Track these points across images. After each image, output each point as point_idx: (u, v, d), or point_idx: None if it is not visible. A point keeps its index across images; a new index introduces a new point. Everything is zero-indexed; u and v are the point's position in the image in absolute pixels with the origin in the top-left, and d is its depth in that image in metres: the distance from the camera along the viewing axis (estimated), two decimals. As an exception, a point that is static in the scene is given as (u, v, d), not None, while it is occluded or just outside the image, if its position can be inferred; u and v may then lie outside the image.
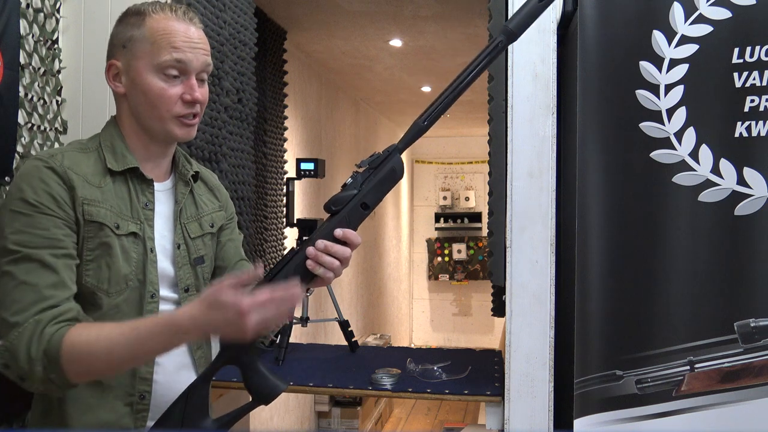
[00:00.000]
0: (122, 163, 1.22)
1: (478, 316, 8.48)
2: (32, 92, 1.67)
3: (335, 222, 1.16)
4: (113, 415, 1.19)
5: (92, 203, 1.17)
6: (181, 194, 1.31)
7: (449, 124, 7.49)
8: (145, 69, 1.19)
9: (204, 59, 1.23)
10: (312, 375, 2.12)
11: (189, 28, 1.22)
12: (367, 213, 1.17)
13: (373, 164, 1.18)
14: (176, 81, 1.21)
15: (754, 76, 1.55)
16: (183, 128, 1.23)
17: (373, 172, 1.18)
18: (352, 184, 1.17)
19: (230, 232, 1.43)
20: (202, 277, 1.32)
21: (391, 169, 1.19)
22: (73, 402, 1.17)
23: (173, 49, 1.19)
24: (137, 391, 1.20)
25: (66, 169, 1.16)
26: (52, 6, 1.74)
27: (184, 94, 1.21)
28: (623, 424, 1.62)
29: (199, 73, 1.23)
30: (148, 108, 1.21)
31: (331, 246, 1.14)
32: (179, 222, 1.29)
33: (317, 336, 4.48)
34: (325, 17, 3.52)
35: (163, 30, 1.19)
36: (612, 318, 1.63)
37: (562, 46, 1.82)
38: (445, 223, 8.46)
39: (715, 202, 1.58)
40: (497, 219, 1.83)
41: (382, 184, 1.18)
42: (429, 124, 1.20)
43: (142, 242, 1.21)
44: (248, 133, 2.39)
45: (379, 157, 1.19)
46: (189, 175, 1.33)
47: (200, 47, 1.23)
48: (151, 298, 1.22)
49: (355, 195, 1.17)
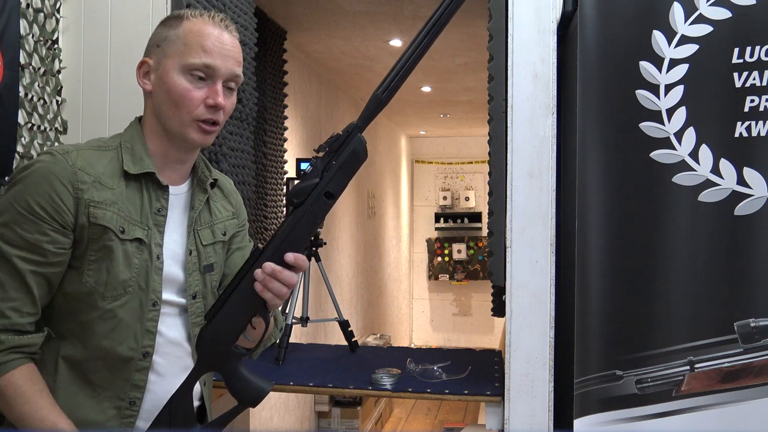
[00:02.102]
0: (139, 166, 1.22)
1: (478, 316, 8.48)
2: (32, 92, 1.67)
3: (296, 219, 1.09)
4: (102, 416, 1.19)
5: (99, 206, 1.16)
6: (198, 201, 1.30)
7: (449, 124, 7.49)
8: (174, 68, 1.20)
9: (233, 69, 1.22)
10: (312, 375, 2.12)
11: (223, 33, 1.22)
12: (332, 203, 1.10)
13: (332, 148, 1.09)
14: (202, 84, 1.20)
15: (754, 76, 1.55)
16: (201, 134, 1.22)
17: (334, 156, 1.09)
18: (312, 171, 1.09)
19: (240, 240, 1.41)
20: (210, 284, 1.31)
21: (353, 152, 1.09)
22: (65, 399, 1.17)
23: (204, 53, 1.19)
24: (128, 396, 1.20)
25: (77, 170, 1.16)
26: (52, 6, 1.74)
27: (208, 98, 1.20)
28: (623, 424, 1.62)
29: (226, 81, 1.22)
30: (170, 107, 1.20)
31: (280, 272, 1.10)
32: (193, 228, 1.29)
33: (317, 336, 4.49)
34: (325, 17, 3.52)
35: (197, 32, 1.20)
36: (612, 318, 1.63)
37: (562, 46, 1.82)
38: (445, 223, 8.46)
39: (715, 202, 1.58)
40: (497, 219, 1.83)
41: (344, 169, 1.09)
42: (388, 96, 1.10)
43: (147, 249, 1.20)
44: (248, 133, 2.39)
45: (338, 139, 1.09)
46: (208, 183, 1.32)
47: (232, 55, 1.22)
48: (153, 306, 1.21)
49: (317, 184, 1.09)
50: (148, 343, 1.20)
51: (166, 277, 1.23)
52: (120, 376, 1.19)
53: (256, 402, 1.16)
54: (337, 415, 4.69)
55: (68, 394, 1.18)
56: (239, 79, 1.25)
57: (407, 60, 1.10)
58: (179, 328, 1.26)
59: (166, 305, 1.24)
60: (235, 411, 1.16)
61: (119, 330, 1.18)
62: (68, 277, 1.17)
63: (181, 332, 1.26)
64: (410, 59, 1.10)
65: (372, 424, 5.11)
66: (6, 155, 1.53)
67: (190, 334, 1.27)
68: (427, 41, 1.11)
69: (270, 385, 1.17)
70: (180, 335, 1.26)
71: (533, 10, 1.74)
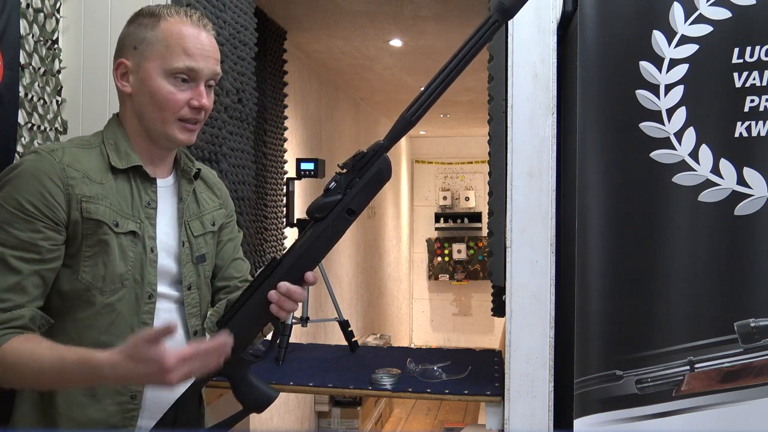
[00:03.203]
0: (126, 161, 1.22)
1: (478, 316, 8.48)
2: (32, 92, 1.67)
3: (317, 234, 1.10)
4: (103, 414, 1.19)
5: (91, 200, 1.17)
6: (185, 192, 1.31)
7: (449, 124, 7.49)
8: (156, 72, 1.20)
9: (214, 68, 1.23)
10: (312, 375, 2.12)
11: (201, 33, 1.22)
12: (353, 219, 1.10)
13: (357, 166, 1.09)
14: (185, 86, 1.21)
15: (754, 76, 1.55)
16: (185, 132, 1.23)
17: (358, 173, 1.09)
18: (336, 188, 1.09)
19: (230, 231, 1.43)
20: (203, 275, 1.32)
21: (378, 171, 1.09)
22: (64, 398, 1.17)
23: (186, 56, 1.19)
24: (129, 391, 1.20)
25: (65, 166, 1.16)
26: (52, 6, 1.74)
27: (192, 100, 1.21)
28: (623, 424, 1.62)
29: (207, 80, 1.23)
30: (154, 110, 1.21)
31: (294, 292, 1.11)
32: (183, 220, 1.30)
33: (317, 336, 4.48)
34: (325, 17, 3.52)
35: (177, 34, 1.20)
36: (612, 318, 1.63)
37: (562, 46, 1.82)
38: (445, 223, 8.46)
39: (715, 202, 1.58)
40: (497, 219, 1.83)
41: (368, 188, 1.09)
42: (417, 118, 1.09)
43: (141, 241, 1.21)
44: (248, 133, 2.39)
45: (364, 157, 1.10)
46: (192, 173, 1.33)
47: (212, 55, 1.23)
48: (149, 299, 1.22)
49: (340, 201, 1.09)
50: None
51: (160, 269, 1.24)
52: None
53: (262, 408, 1.17)
54: (337, 415, 4.69)
55: (68, 396, 1.18)
56: (218, 76, 1.26)
57: (440, 83, 1.08)
58: (176, 320, 1.26)
59: (161, 298, 1.24)
60: (238, 416, 1.17)
61: (117, 324, 1.19)
62: (63, 275, 1.17)
63: (179, 326, 1.26)
64: (443, 82, 1.08)
65: (372, 424, 5.11)
66: (6, 155, 1.53)
67: (188, 326, 1.28)
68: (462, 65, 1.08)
69: (276, 393, 1.17)
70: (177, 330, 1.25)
71: (533, 10, 1.74)
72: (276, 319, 1.14)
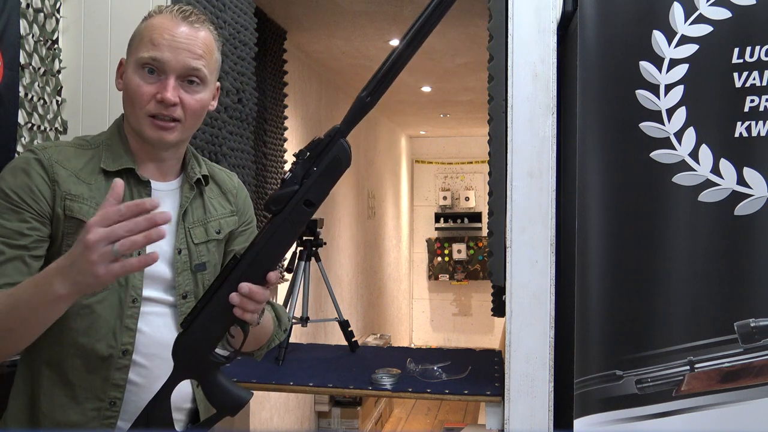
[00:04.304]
0: (118, 163, 1.21)
1: (478, 316, 8.48)
2: (32, 92, 1.68)
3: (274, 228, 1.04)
4: (82, 417, 1.18)
5: (76, 199, 1.16)
6: (185, 197, 1.27)
7: (449, 124, 7.49)
8: (130, 66, 1.20)
9: (187, 61, 1.17)
10: (312, 375, 2.12)
11: (179, 26, 1.18)
12: (312, 211, 1.04)
13: (314, 153, 1.03)
14: (153, 79, 1.18)
15: (754, 76, 1.55)
16: (154, 130, 1.18)
17: (315, 162, 1.03)
18: (292, 178, 1.03)
19: (245, 240, 1.35)
20: (203, 284, 1.28)
21: (335, 158, 1.03)
22: (47, 399, 1.17)
23: (152, 46, 1.16)
24: (108, 397, 1.18)
25: (53, 163, 1.16)
26: (52, 6, 1.74)
27: (157, 93, 1.17)
28: (623, 424, 1.62)
29: (184, 75, 1.18)
30: (128, 105, 1.20)
31: (255, 293, 1.05)
32: (183, 226, 1.26)
33: (317, 336, 4.48)
34: (325, 17, 3.52)
35: (151, 27, 1.19)
36: (612, 318, 1.63)
37: (562, 46, 1.82)
38: (445, 223, 8.45)
39: (715, 202, 1.58)
40: (497, 219, 1.83)
41: (325, 176, 1.03)
42: (374, 99, 1.04)
43: None
44: (248, 133, 2.39)
45: (320, 143, 1.03)
46: (195, 179, 1.29)
47: (186, 47, 1.17)
48: (133, 303, 1.19)
49: (297, 191, 1.03)
50: (127, 341, 1.18)
51: (149, 274, 1.20)
52: (99, 375, 1.17)
53: (234, 411, 1.13)
54: (337, 415, 4.69)
55: (50, 398, 1.17)
56: (199, 72, 1.19)
57: (394, 62, 1.04)
58: (168, 328, 1.23)
59: (150, 303, 1.21)
60: (213, 419, 1.14)
61: (96, 327, 1.17)
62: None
63: (170, 332, 1.22)
64: (397, 61, 1.04)
65: (372, 424, 5.11)
66: (6, 155, 1.53)
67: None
68: (417, 41, 1.05)
69: (249, 395, 1.13)
70: (168, 335, 1.20)
71: (533, 10, 1.74)
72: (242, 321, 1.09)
